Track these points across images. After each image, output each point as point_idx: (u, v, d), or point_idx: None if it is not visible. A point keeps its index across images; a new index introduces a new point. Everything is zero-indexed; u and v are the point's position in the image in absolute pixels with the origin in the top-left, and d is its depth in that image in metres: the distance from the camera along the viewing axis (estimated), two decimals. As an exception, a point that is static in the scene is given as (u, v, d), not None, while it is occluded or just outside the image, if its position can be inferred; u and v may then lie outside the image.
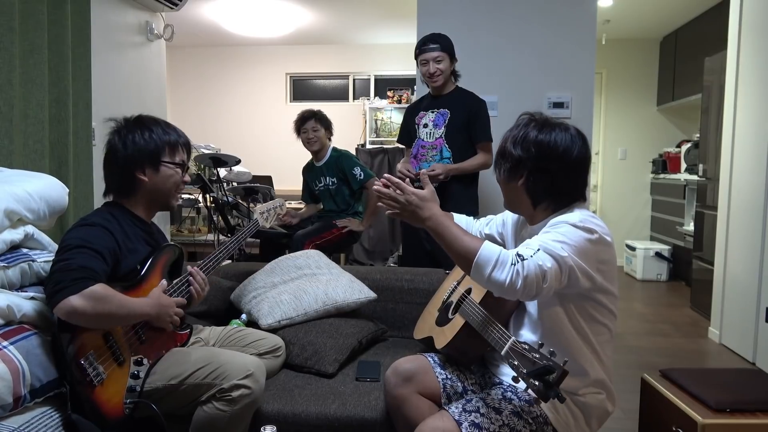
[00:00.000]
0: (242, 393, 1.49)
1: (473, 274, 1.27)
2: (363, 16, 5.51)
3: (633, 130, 6.14)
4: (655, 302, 4.65)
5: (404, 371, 1.56)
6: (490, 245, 1.27)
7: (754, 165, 3.22)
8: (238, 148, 4.99)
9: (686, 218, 5.07)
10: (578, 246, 1.27)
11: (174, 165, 1.65)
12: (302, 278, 2.22)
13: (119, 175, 1.61)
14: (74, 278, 1.34)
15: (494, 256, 1.24)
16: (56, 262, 1.40)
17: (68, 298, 1.32)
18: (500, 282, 1.23)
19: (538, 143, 1.38)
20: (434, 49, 2.71)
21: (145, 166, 1.61)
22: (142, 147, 1.59)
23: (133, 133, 1.60)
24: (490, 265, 1.23)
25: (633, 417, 2.08)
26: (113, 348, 1.44)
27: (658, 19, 5.37)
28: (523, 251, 1.25)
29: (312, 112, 3.36)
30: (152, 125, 1.64)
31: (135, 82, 3.52)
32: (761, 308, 3.08)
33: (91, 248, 1.43)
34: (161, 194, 1.66)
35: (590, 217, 1.35)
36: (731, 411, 1.64)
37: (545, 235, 1.30)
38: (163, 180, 1.64)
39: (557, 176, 1.38)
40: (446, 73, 2.75)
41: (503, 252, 1.25)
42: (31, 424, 1.30)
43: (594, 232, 1.30)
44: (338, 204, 3.36)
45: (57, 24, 2.28)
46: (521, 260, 1.23)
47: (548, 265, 1.23)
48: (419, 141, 2.84)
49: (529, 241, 1.31)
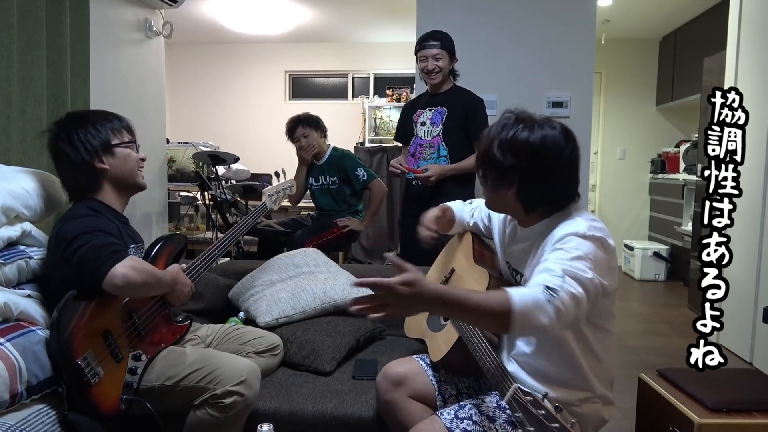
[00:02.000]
0: (235, 400, 1.49)
1: (514, 330, 1.12)
2: (363, 14, 5.50)
3: (632, 129, 6.15)
4: (653, 302, 4.66)
5: (394, 375, 1.53)
6: (516, 293, 1.11)
7: (753, 166, 3.22)
8: (236, 146, 4.98)
9: (684, 218, 5.07)
10: (595, 260, 1.20)
11: (125, 144, 1.65)
12: (300, 276, 2.22)
13: (79, 173, 1.60)
14: (111, 251, 1.41)
15: (529, 302, 1.10)
16: (78, 247, 1.41)
17: (115, 268, 1.37)
18: (544, 326, 1.11)
19: (530, 147, 1.28)
20: (434, 46, 2.70)
21: (102, 155, 1.60)
22: (91, 140, 1.58)
23: (77, 131, 1.58)
24: (530, 314, 1.10)
25: (630, 416, 2.08)
26: (112, 347, 1.43)
27: (657, 19, 5.37)
28: (550, 280, 1.15)
29: (296, 120, 3.30)
30: (90, 118, 1.63)
31: (133, 79, 3.51)
32: (759, 308, 3.08)
33: (101, 230, 1.47)
34: (126, 176, 1.66)
35: (593, 222, 1.29)
36: (728, 411, 1.64)
37: (561, 255, 1.20)
38: (122, 161, 1.64)
39: (552, 180, 1.31)
40: (444, 71, 2.73)
41: (533, 293, 1.13)
42: (27, 421, 1.30)
43: (603, 240, 1.25)
44: (338, 203, 3.35)
45: (55, 20, 2.27)
46: (555, 294, 1.12)
47: (579, 290, 1.15)
48: (417, 139, 2.83)
49: (548, 265, 1.20)
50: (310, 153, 3.28)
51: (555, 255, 1.21)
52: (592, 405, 1.36)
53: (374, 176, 3.30)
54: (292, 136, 3.31)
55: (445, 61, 2.71)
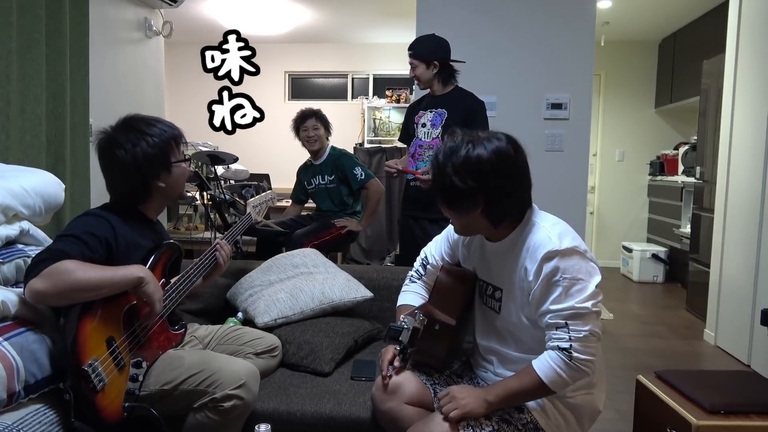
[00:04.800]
0: (234, 404, 1.48)
1: (555, 394, 1.33)
2: (362, 15, 5.50)
3: (631, 131, 6.15)
4: (651, 304, 4.66)
5: (387, 385, 1.52)
6: (540, 369, 1.29)
7: (751, 168, 3.23)
8: (235, 146, 4.97)
9: (683, 220, 5.08)
10: (586, 271, 1.30)
11: (182, 161, 1.66)
12: (299, 277, 2.22)
13: (133, 185, 1.58)
14: (35, 262, 1.36)
15: (551, 373, 1.27)
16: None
17: (29, 284, 1.34)
18: (578, 378, 1.29)
19: (489, 164, 1.29)
20: (410, 55, 2.74)
21: (160, 173, 1.60)
22: (152, 156, 1.56)
23: (139, 142, 1.55)
24: (560, 380, 1.27)
25: (628, 418, 2.08)
26: (115, 353, 1.42)
27: (657, 21, 5.37)
28: (558, 339, 1.28)
29: (312, 111, 3.34)
30: (149, 130, 1.58)
31: (133, 79, 3.51)
32: (757, 310, 3.09)
33: (72, 235, 1.43)
34: (176, 193, 1.68)
35: (556, 226, 1.36)
36: (726, 413, 1.64)
37: (559, 298, 1.29)
38: (176, 179, 1.65)
39: (514, 190, 1.35)
40: (423, 78, 2.74)
41: (550, 363, 1.28)
42: (25, 420, 1.30)
43: (577, 246, 1.31)
44: (335, 203, 3.35)
45: (55, 19, 2.27)
46: (567, 354, 1.26)
47: (586, 328, 1.27)
48: (417, 140, 2.83)
49: (551, 319, 1.30)
50: (314, 146, 3.31)
51: (553, 299, 1.30)
52: (586, 396, 1.40)
53: (372, 176, 3.30)
54: (302, 125, 3.31)
55: (420, 69, 2.72)
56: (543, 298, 1.31)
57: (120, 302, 1.46)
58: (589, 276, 1.30)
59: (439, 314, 1.47)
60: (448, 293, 1.51)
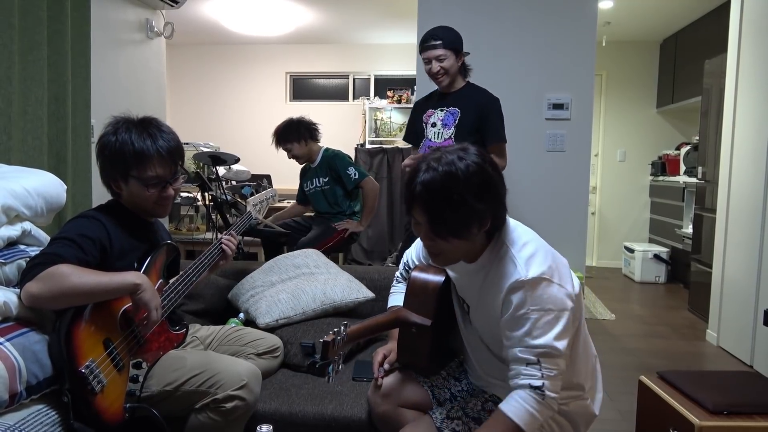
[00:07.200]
0: (236, 404, 1.48)
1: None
2: (363, 15, 5.51)
3: (632, 132, 6.15)
4: (653, 304, 4.65)
5: (383, 388, 1.52)
6: (513, 414, 1.21)
7: (753, 168, 3.22)
8: (237, 147, 4.98)
9: (685, 221, 5.07)
10: (554, 300, 1.22)
11: (144, 181, 1.50)
12: (300, 277, 2.22)
13: (105, 181, 1.58)
14: (30, 266, 1.37)
15: (525, 415, 1.21)
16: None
17: (24, 287, 1.34)
18: (547, 416, 1.24)
19: (480, 176, 1.21)
20: (436, 46, 2.48)
21: (117, 178, 1.53)
22: (118, 159, 1.49)
23: (118, 136, 1.50)
24: (532, 419, 1.21)
25: (630, 419, 2.08)
26: (113, 354, 1.41)
27: (658, 21, 5.37)
28: (530, 376, 1.22)
29: (276, 137, 3.31)
30: (142, 132, 1.51)
31: (134, 80, 3.51)
32: (759, 311, 3.08)
33: (66, 238, 1.42)
34: (140, 208, 1.57)
35: (522, 251, 1.25)
36: (728, 413, 1.64)
37: (526, 336, 1.22)
38: (133, 195, 1.54)
39: (499, 200, 1.26)
40: (452, 71, 2.53)
41: (523, 405, 1.21)
42: (27, 421, 1.30)
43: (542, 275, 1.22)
44: (332, 205, 3.35)
45: (56, 21, 2.27)
46: (540, 393, 1.21)
47: (558, 368, 1.22)
48: (427, 141, 2.65)
49: (520, 354, 1.23)
50: (301, 161, 3.38)
51: (524, 332, 1.22)
52: (580, 402, 1.37)
53: (366, 175, 3.29)
54: (280, 148, 3.35)
55: (450, 61, 2.51)
56: (512, 330, 1.25)
57: (115, 304, 1.45)
58: (559, 305, 1.23)
59: (414, 316, 1.42)
60: (421, 294, 1.45)
